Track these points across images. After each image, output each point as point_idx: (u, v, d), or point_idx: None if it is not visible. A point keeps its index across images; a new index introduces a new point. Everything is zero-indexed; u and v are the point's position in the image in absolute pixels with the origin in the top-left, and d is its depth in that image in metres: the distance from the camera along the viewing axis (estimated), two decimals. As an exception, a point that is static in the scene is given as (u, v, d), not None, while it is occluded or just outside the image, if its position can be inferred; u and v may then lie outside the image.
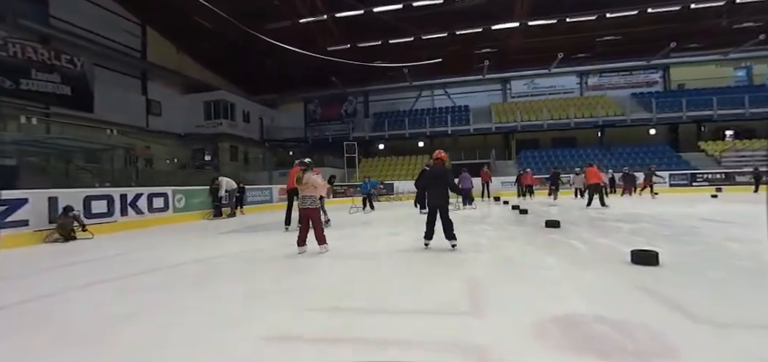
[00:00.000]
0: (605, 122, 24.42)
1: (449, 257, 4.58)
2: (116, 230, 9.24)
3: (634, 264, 3.63)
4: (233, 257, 5.08)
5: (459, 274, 3.65)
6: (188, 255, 5.41)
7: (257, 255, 5.25)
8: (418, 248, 5.29)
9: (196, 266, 4.64)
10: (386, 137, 27.36)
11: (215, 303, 3.05)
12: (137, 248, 6.26)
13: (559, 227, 6.50)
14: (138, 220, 10.00)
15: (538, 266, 3.90)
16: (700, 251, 4.45)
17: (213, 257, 5.15)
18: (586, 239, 5.49)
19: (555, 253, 4.50)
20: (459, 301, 2.85)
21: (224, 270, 4.31)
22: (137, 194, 10.13)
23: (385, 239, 6.20)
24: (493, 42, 24.66)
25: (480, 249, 5.03)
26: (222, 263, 4.74)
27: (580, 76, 28.52)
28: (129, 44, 22.05)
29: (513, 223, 7.76)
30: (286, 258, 4.85)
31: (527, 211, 9.65)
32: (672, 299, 2.68)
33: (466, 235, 6.17)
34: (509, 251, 4.87)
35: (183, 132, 25.50)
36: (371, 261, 4.58)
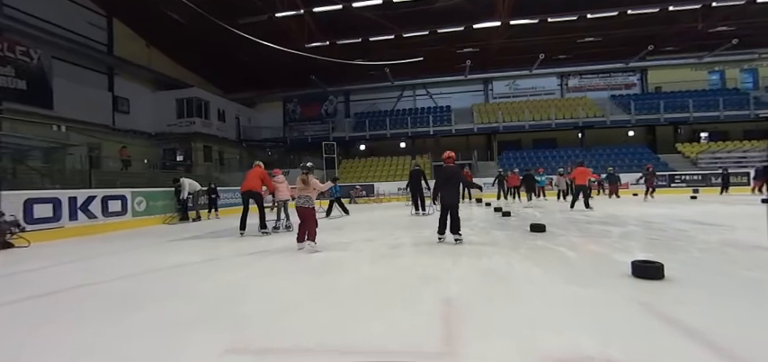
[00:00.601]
0: (585, 123, 24.48)
1: (424, 267, 4.03)
2: (63, 236, 8.35)
3: (636, 277, 3.15)
4: (174, 271, 4.39)
5: (434, 292, 3.08)
6: (125, 268, 4.68)
7: (203, 268, 4.55)
8: (392, 256, 4.73)
9: (125, 283, 3.91)
10: (367, 137, 26.75)
11: (118, 340, 2.38)
12: (72, 259, 5.47)
13: (545, 231, 6.05)
14: (90, 225, 9.10)
15: (526, 281, 3.38)
16: (702, 261, 4.02)
17: (153, 270, 4.44)
18: (575, 245, 5.04)
19: (543, 263, 4.00)
20: (429, 333, 2.28)
21: (154, 289, 3.61)
22: (89, 197, 9.21)
23: (353, 248, 5.58)
24: (475, 42, 24.37)
25: (460, 257, 4.49)
26: (158, 279, 4.05)
27: (561, 78, 28.62)
28: (94, 37, 20.74)
29: (495, 227, 7.29)
30: (234, 273, 4.19)
31: (510, 213, 9.23)
32: (697, 329, 2.18)
33: (445, 243, 5.63)
34: (492, 260, 4.34)
35: (153, 131, 24.25)
36: (329, 277, 3.91)
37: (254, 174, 8.01)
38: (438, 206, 5.99)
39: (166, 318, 2.75)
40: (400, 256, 4.76)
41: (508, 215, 9.05)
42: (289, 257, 4.92)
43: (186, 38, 23.63)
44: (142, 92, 24.03)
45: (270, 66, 26.22)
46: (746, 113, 23.68)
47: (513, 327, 2.32)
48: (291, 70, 26.39)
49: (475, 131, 25.34)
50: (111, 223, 9.62)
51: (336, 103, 30.58)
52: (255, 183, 7.89)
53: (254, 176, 7.96)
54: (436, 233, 5.83)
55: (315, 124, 29.64)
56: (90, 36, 20.45)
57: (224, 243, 6.59)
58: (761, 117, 23.89)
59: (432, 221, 8.36)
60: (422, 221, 8.89)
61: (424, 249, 5.08)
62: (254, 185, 7.87)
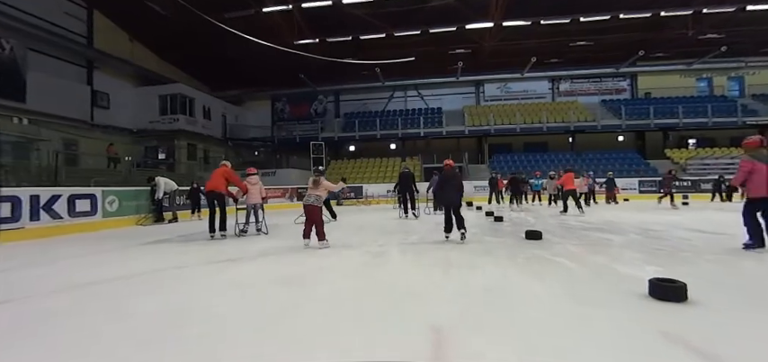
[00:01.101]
0: (577, 127, 24.37)
1: (411, 281, 3.57)
2: (22, 238, 7.70)
3: (654, 298, 2.73)
4: (120, 284, 3.82)
5: (421, 314, 2.62)
6: (66, 279, 4.10)
7: (156, 279, 4.00)
8: (375, 265, 4.26)
9: (62, 297, 3.35)
10: (356, 138, 26.26)
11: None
12: (13, 267, 4.87)
13: (541, 239, 5.65)
14: (53, 226, 8.45)
15: (526, 300, 2.93)
16: (719, 276, 3.63)
17: (97, 281, 3.87)
18: (576, 255, 4.63)
19: (544, 278, 3.57)
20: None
21: (84, 308, 3.03)
22: (53, 196, 8.56)
23: (334, 255, 5.05)
24: (467, 43, 24.10)
25: (451, 268, 4.04)
26: (95, 294, 3.45)
27: (552, 82, 28.54)
28: (73, 28, 19.87)
29: (488, 233, 6.87)
30: (190, 285, 3.68)
31: (502, 218, 8.84)
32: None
33: (434, 250, 5.19)
34: (487, 273, 3.89)
35: (134, 128, 23.40)
36: (300, 292, 3.31)
37: (218, 173, 7.55)
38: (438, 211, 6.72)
39: (77, 348, 2.24)
40: (384, 265, 4.29)
41: (501, 220, 8.67)
42: (258, 267, 4.41)
43: (171, 33, 22.85)
44: (123, 87, 23.17)
45: (258, 63, 25.55)
46: (734, 120, 23.84)
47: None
48: (280, 68, 25.77)
49: (466, 133, 25.05)
50: (79, 225, 8.97)
51: (326, 102, 30.06)
52: (219, 182, 7.42)
53: (219, 176, 7.49)
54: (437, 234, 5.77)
55: (304, 124, 29.05)
56: (68, 27, 19.57)
57: (193, 248, 6.04)
58: (748, 124, 24.10)
59: (419, 227, 7.94)
60: (410, 226, 8.45)
61: (411, 258, 4.63)
62: (217, 185, 7.40)
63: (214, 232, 7.38)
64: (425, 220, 9.82)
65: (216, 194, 7.39)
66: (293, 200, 19.03)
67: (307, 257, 4.88)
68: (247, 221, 7.97)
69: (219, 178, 7.53)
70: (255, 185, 8.07)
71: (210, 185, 7.48)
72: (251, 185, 8.04)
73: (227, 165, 7.88)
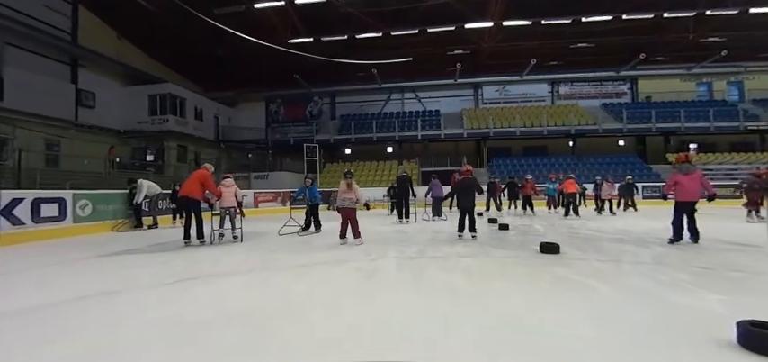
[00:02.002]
0: (578, 130, 23.83)
1: (408, 317, 2.84)
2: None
3: (745, 348, 2.02)
4: (66, 306, 3.10)
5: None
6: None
7: (80, 310, 3.24)
8: (365, 292, 3.55)
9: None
10: (352, 140, 25.55)
11: None
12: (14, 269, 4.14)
13: (559, 253, 4.96)
14: (14, 233, 7.66)
15: (570, 352, 2.16)
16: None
17: (34, 306, 3.14)
18: (608, 276, 3.90)
19: (582, 310, 2.86)
20: None
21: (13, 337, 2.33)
22: (14, 199, 7.77)
23: (315, 276, 4.21)
24: (466, 44, 23.56)
25: (459, 296, 3.32)
26: (27, 321, 2.76)
27: (552, 85, 28.02)
28: (56, 24, 19.03)
29: (495, 245, 6.16)
30: (127, 318, 2.94)
31: (508, 226, 8.14)
32: None
33: (436, 267, 4.47)
34: (506, 305, 3.07)
35: (122, 128, 22.55)
36: (261, 338, 2.42)
37: (195, 177, 6.97)
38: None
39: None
40: (376, 291, 3.53)
41: (506, 228, 7.98)
42: (218, 293, 3.59)
43: (161, 30, 22.12)
44: (110, 86, 22.31)
45: (252, 63, 24.88)
46: (736, 125, 23.44)
47: None
48: (275, 69, 25.09)
49: (464, 136, 24.42)
50: (44, 231, 8.18)
51: (321, 104, 29.36)
52: (194, 187, 6.82)
53: (194, 180, 6.92)
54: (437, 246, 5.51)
55: (299, 126, 28.29)
56: (51, 22, 18.75)
57: (158, 261, 5.28)
58: (749, 129, 23.72)
59: (417, 236, 7.24)
60: (407, 235, 7.74)
61: (410, 280, 3.91)
62: (192, 190, 6.79)
63: (189, 239, 6.89)
64: (423, 228, 9.13)
65: (190, 201, 6.78)
66: (286, 204, 18.24)
67: (279, 279, 4.11)
68: (222, 225, 7.45)
69: (195, 184, 7.02)
70: (229, 188, 7.61)
71: (184, 191, 6.91)
72: (225, 188, 7.56)
73: (208, 169, 7.42)
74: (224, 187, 7.56)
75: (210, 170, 7.46)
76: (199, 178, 7.06)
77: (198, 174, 7.14)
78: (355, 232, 6.48)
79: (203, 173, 7.19)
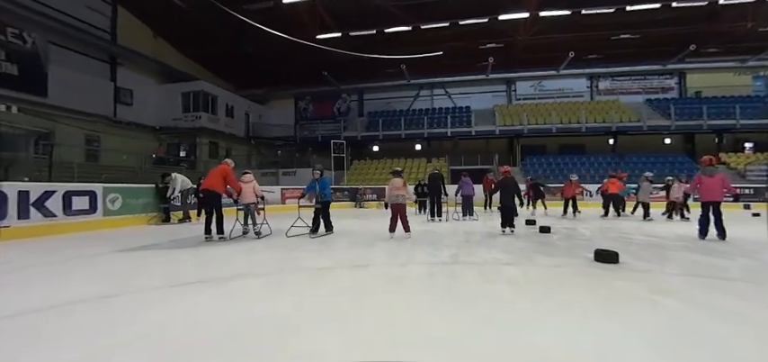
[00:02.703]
0: (619, 128, 22.31)
1: (448, 344, 2.35)
2: (6, 238, 6.99)
3: None
4: (55, 311, 2.83)
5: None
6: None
7: (103, 307, 2.99)
8: (390, 306, 3.07)
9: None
10: (380, 138, 25.13)
11: None
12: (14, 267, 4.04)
13: (618, 262, 4.29)
14: (45, 225, 7.75)
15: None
16: None
17: (24, 310, 2.89)
18: (684, 293, 3.22)
19: (657, 336, 2.27)
20: None
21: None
22: (46, 192, 7.86)
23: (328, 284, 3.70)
24: (499, 38, 22.56)
25: (506, 315, 2.74)
26: (6, 329, 2.48)
27: (591, 80, 26.47)
28: (96, 23, 19.74)
29: (539, 250, 5.46)
30: (93, 337, 2.61)
31: (549, 229, 7.41)
32: None
33: (474, 276, 3.93)
34: (571, 333, 2.34)
35: (157, 125, 23.19)
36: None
37: (216, 172, 6.91)
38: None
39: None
40: (404, 303, 2.99)
41: (547, 231, 7.27)
42: (226, 299, 3.18)
43: (194, 28, 22.57)
44: (147, 84, 23.00)
45: (281, 60, 24.97)
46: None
47: None
48: (304, 66, 25.09)
49: (497, 133, 23.44)
50: (75, 223, 8.25)
51: (349, 101, 29.15)
52: (215, 181, 6.73)
53: (216, 175, 6.84)
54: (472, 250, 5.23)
55: (327, 123, 28.19)
56: (92, 22, 19.46)
57: (172, 259, 5.01)
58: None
59: (450, 238, 6.68)
60: (438, 235, 7.19)
61: (443, 289, 3.38)
62: (213, 184, 6.70)
63: (210, 234, 6.82)
64: (454, 228, 8.55)
65: (211, 194, 6.65)
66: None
67: (293, 284, 3.67)
68: (245, 221, 7.42)
69: (217, 178, 6.97)
70: (248, 184, 7.52)
71: (206, 184, 6.82)
72: (244, 183, 7.48)
73: (229, 164, 7.35)
74: (243, 183, 7.48)
75: (231, 165, 7.36)
76: (220, 173, 7.01)
77: (219, 168, 7.09)
78: (406, 227, 6.93)
79: (225, 167, 7.14)
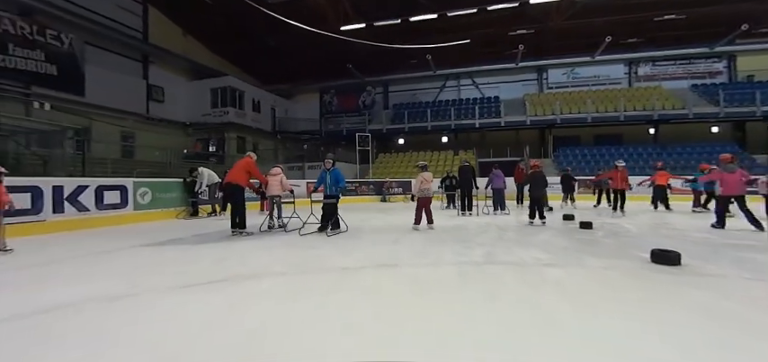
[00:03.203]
0: (662, 116, 20.86)
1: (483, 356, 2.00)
2: (41, 232, 7.15)
3: None
4: (61, 312, 2.69)
5: None
6: (16, 300, 3.06)
7: (107, 308, 2.83)
8: (416, 319, 2.74)
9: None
10: (405, 130, 24.69)
11: None
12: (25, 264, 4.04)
13: (680, 264, 3.77)
14: (79, 219, 7.91)
15: None
16: None
17: (30, 311, 2.77)
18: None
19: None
20: None
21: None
22: (79, 187, 8.02)
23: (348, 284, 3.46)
24: (530, 23, 21.59)
25: (553, 326, 2.36)
26: (9, 331, 2.34)
27: (629, 65, 24.93)
28: (129, 23, 20.34)
29: (583, 249, 4.89)
30: (130, 321, 2.41)
31: (591, 224, 6.82)
32: None
33: (512, 278, 3.54)
34: (626, 346, 2.03)
35: (188, 121, 23.76)
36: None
37: (240, 165, 6.83)
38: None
39: None
40: (434, 311, 2.65)
41: (589, 227, 6.69)
42: (238, 302, 2.95)
43: (223, 26, 22.89)
44: (177, 81, 23.57)
45: (305, 54, 24.95)
46: None
47: None
48: (328, 59, 24.98)
49: (527, 123, 22.48)
50: (106, 218, 8.39)
51: (374, 94, 28.84)
52: (239, 175, 6.65)
53: (240, 168, 6.77)
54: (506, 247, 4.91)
55: (352, 116, 28.02)
56: (125, 22, 20.05)
57: (190, 256, 4.87)
58: None
59: (481, 235, 6.27)
60: (469, 232, 6.78)
61: (478, 295, 2.99)
62: (236, 177, 6.62)
63: (236, 228, 6.73)
64: (485, 223, 8.10)
65: (234, 188, 6.58)
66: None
67: (313, 286, 3.36)
68: (271, 216, 7.46)
69: (240, 171, 6.87)
70: (276, 177, 7.57)
71: (230, 178, 6.77)
72: (272, 177, 7.54)
73: (253, 157, 7.23)
74: (271, 176, 7.54)
75: (254, 158, 7.24)
76: (244, 166, 6.91)
77: (243, 162, 6.99)
78: (430, 219, 7.22)
79: (248, 160, 7.05)
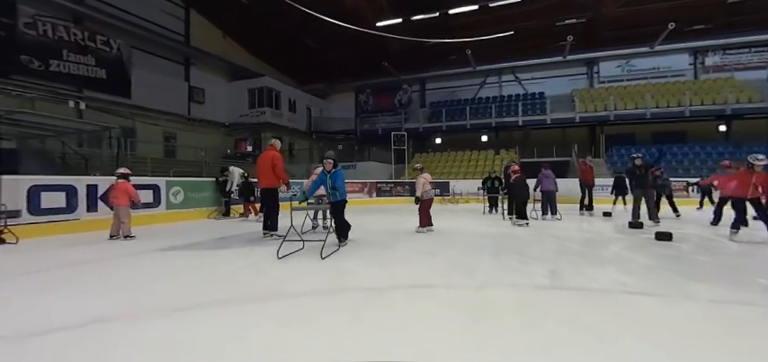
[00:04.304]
0: (735, 110, 18.52)
1: None
2: (77, 230, 7.09)
3: None
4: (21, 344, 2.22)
5: None
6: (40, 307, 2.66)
7: (75, 340, 2.33)
8: (473, 353, 2.00)
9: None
10: (443, 128, 23.72)
11: None
12: (23, 271, 3.75)
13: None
14: (110, 218, 7.80)
15: None
16: None
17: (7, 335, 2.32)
18: None
19: None
20: None
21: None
22: (112, 186, 7.92)
23: (389, 309, 2.84)
24: (580, 13, 19.96)
25: None
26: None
27: (694, 55, 22.46)
28: (172, 27, 20.93)
29: (674, 269, 3.84)
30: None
31: (671, 235, 5.66)
32: None
33: (595, 314, 2.68)
34: None
35: (227, 122, 24.21)
36: None
37: (267, 163, 6.21)
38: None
39: None
40: (492, 354, 1.98)
41: (668, 239, 5.56)
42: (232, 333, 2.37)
43: (260, 27, 23.08)
44: (217, 82, 24.05)
45: (341, 53, 24.70)
46: None
47: None
48: (363, 57, 24.56)
49: (576, 120, 20.79)
50: (140, 217, 8.25)
51: (411, 92, 28.06)
52: (268, 177, 6.18)
53: (266, 168, 6.18)
54: (573, 264, 3.73)
55: (387, 115, 27.39)
56: (168, 27, 20.65)
57: (204, 264, 4.39)
58: None
59: (537, 246, 5.37)
60: (522, 242, 5.86)
61: (552, 335, 2.24)
62: (267, 181, 6.17)
63: (267, 230, 6.38)
64: (537, 231, 7.14)
65: (266, 193, 6.33)
66: (372, 195, 17.40)
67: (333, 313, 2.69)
68: (315, 216, 7.29)
69: (269, 172, 6.32)
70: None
71: (264, 182, 6.37)
72: (315, 176, 6.89)
73: (276, 146, 6.67)
74: (315, 176, 6.97)
75: (278, 146, 6.69)
76: (271, 162, 6.34)
77: (268, 158, 6.42)
78: (431, 221, 7.08)
79: (272, 154, 6.47)
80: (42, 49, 14.84)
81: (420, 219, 7.09)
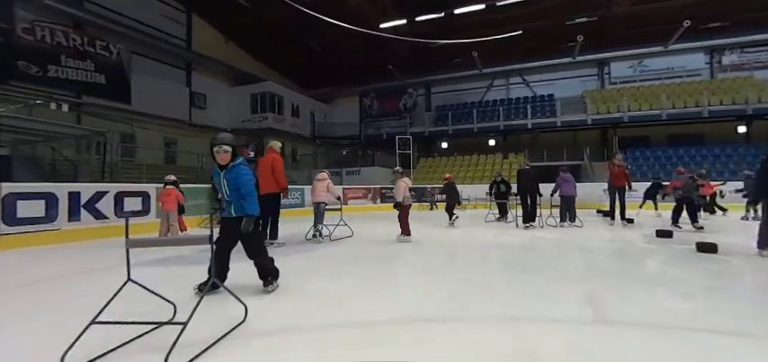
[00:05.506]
0: (757, 110, 17.70)
1: None
2: (57, 241, 6.57)
3: None
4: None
5: None
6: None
7: None
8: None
9: None
10: (449, 132, 23.13)
11: None
12: None
13: None
14: (97, 227, 7.29)
15: None
16: None
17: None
18: None
19: None
20: None
21: None
22: (97, 193, 7.42)
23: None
24: (590, 11, 19.31)
25: None
26: None
27: (711, 54, 21.68)
28: (173, 32, 20.63)
29: (748, 298, 3.24)
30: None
31: (715, 247, 4.97)
32: None
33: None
34: None
35: (228, 127, 23.77)
36: None
37: (267, 168, 5.75)
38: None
39: None
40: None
41: (712, 250, 4.88)
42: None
43: (263, 31, 22.71)
44: (219, 87, 23.72)
45: (344, 56, 24.26)
46: None
47: None
48: (367, 61, 24.09)
49: (588, 122, 20.09)
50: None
51: (416, 96, 27.51)
52: (268, 182, 5.77)
53: (266, 174, 5.79)
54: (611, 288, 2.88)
55: (392, 120, 26.85)
56: (170, 31, 20.35)
57: (173, 284, 3.79)
58: None
59: (559, 254, 4.73)
60: (544, 254, 5.21)
61: None
62: (267, 187, 5.74)
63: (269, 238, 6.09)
64: (558, 240, 6.49)
65: (267, 199, 5.67)
66: (376, 201, 16.81)
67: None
68: (316, 223, 6.90)
69: (267, 177, 5.85)
70: (322, 182, 7.08)
71: (264, 188, 5.75)
72: (318, 181, 7.09)
73: (276, 147, 6.19)
74: (317, 181, 7.10)
75: (278, 148, 6.16)
76: (271, 165, 5.87)
77: (267, 162, 5.91)
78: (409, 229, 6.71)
79: (273, 157, 6.01)
80: (40, 54, 14.55)
81: (401, 226, 6.68)
